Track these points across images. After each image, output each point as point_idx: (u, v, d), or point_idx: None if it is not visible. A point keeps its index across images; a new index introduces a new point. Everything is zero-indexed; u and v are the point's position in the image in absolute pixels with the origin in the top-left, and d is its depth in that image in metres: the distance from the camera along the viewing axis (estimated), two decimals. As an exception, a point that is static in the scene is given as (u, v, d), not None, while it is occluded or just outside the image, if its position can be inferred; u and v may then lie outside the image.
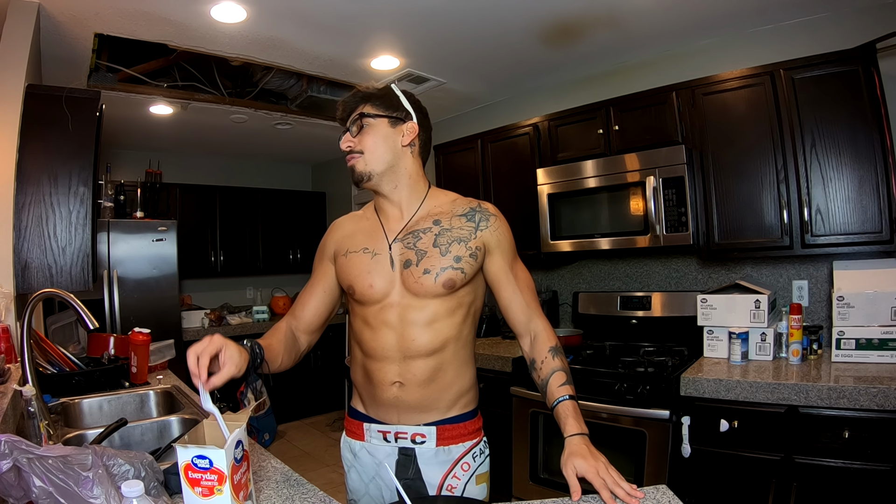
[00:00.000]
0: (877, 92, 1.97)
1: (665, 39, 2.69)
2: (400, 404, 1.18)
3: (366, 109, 1.18)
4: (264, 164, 5.32)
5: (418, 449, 1.19)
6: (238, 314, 4.60)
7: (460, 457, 1.20)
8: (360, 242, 1.24)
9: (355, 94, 1.20)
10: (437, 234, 1.18)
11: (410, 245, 1.18)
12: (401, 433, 1.20)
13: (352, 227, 1.30)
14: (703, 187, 2.34)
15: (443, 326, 1.17)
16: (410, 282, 1.15)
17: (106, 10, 2.15)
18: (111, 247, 3.60)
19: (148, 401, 1.97)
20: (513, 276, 1.23)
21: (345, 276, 1.23)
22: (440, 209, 1.23)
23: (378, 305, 1.18)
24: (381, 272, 1.18)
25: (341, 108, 1.22)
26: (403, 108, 1.21)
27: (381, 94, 1.20)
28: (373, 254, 1.21)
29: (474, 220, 1.20)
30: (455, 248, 1.16)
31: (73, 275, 2.04)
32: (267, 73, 3.09)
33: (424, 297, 1.15)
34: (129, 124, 3.67)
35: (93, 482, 0.78)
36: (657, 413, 2.04)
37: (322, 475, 3.58)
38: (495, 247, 1.21)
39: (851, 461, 1.72)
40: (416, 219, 1.22)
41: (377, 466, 1.22)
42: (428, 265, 1.15)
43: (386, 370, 1.17)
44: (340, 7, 2.23)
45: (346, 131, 1.19)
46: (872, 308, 1.97)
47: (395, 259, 1.19)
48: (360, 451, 1.25)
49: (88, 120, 2.12)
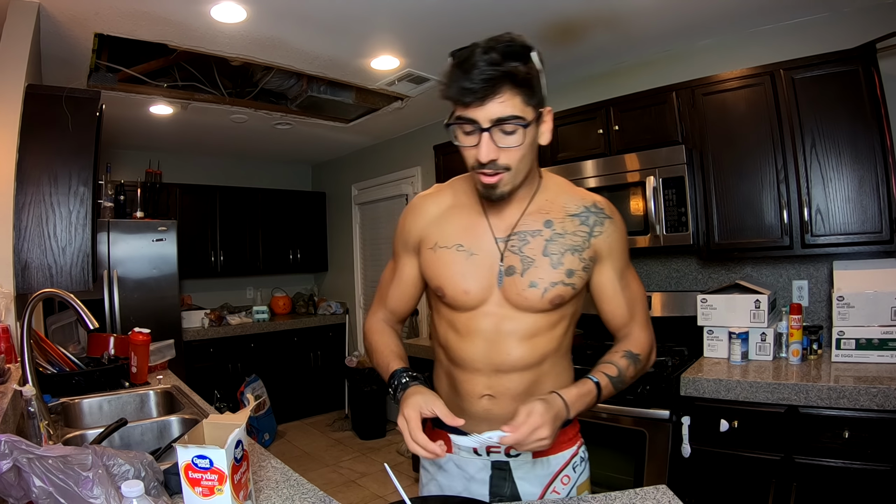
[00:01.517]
0: (877, 92, 1.97)
1: (665, 39, 2.68)
2: (491, 417, 1.04)
3: (515, 105, 0.87)
4: (264, 164, 5.32)
5: (513, 462, 1.07)
6: (238, 314, 4.60)
7: (560, 469, 1.08)
8: (452, 235, 1.05)
9: (491, 70, 0.83)
10: (548, 240, 1.01)
11: (516, 249, 1.01)
12: (493, 447, 1.04)
13: (438, 210, 1.08)
14: (703, 187, 2.34)
15: (542, 340, 1.03)
16: (512, 293, 1.00)
17: (106, 10, 2.15)
18: (111, 247, 3.60)
19: (148, 401, 1.97)
20: (620, 286, 1.07)
21: (433, 274, 1.06)
22: (551, 204, 1.04)
23: (471, 312, 1.03)
24: (479, 277, 1.01)
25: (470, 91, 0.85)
26: (542, 89, 0.92)
27: (527, 77, 0.87)
28: (469, 253, 1.02)
29: (588, 224, 1.03)
30: (568, 259, 1.00)
31: (73, 275, 2.04)
32: (267, 73, 3.09)
33: (526, 311, 1.01)
34: (129, 124, 3.67)
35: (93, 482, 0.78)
36: (657, 413, 2.04)
37: (322, 475, 3.58)
38: (606, 255, 1.05)
39: (851, 461, 1.72)
40: (526, 215, 1.03)
41: (467, 481, 1.09)
42: (535, 277, 0.99)
43: (475, 382, 1.04)
44: (340, 7, 2.23)
45: (482, 132, 0.89)
46: (872, 308, 1.97)
47: (496, 262, 1.02)
48: (447, 463, 1.12)
49: (88, 120, 2.12)
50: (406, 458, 3.68)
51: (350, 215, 5.08)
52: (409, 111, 3.72)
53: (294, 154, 5.17)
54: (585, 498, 1.00)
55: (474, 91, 0.85)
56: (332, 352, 4.95)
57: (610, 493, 1.02)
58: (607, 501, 0.98)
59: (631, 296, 1.09)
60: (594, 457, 2.26)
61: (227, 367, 4.28)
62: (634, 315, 1.10)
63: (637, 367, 1.05)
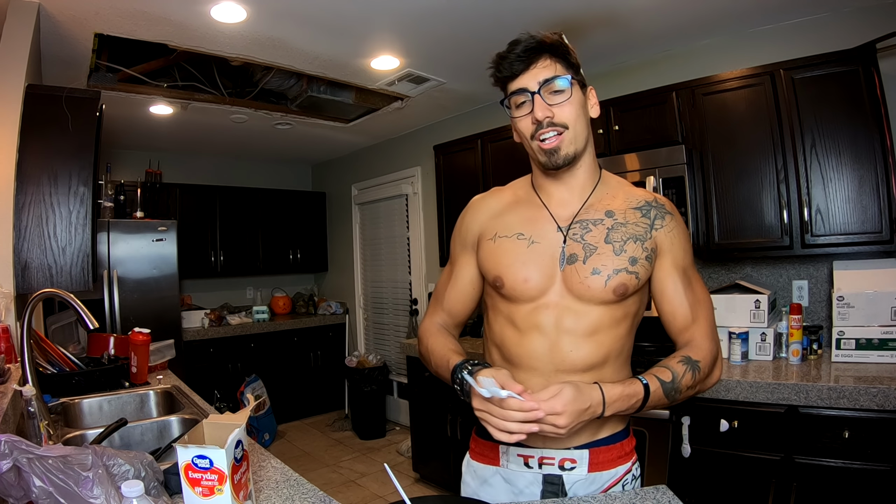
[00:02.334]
0: (877, 92, 1.97)
1: (665, 39, 2.69)
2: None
3: (557, 68, 0.95)
4: (264, 164, 5.32)
5: (566, 476, 1.01)
6: (238, 314, 4.60)
7: (610, 486, 1.02)
8: (512, 225, 1.04)
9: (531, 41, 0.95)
10: (610, 228, 0.99)
11: (578, 237, 0.99)
12: (546, 458, 1.01)
13: (498, 206, 1.09)
14: (703, 187, 2.34)
15: (605, 339, 1.00)
16: (574, 281, 0.97)
17: (106, 10, 2.15)
18: (111, 247, 3.60)
19: (148, 401, 1.97)
20: (682, 284, 1.02)
21: (492, 264, 1.03)
22: (612, 198, 1.04)
23: (531, 305, 1.00)
24: (540, 265, 0.99)
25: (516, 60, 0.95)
26: (580, 67, 1.00)
27: (562, 46, 0.97)
28: (530, 241, 1.01)
29: (649, 217, 1.02)
30: (630, 247, 0.98)
31: (73, 275, 2.04)
32: (267, 73, 3.09)
33: (589, 303, 0.98)
34: (129, 124, 3.67)
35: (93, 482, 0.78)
36: (657, 413, 2.04)
37: (322, 475, 3.58)
38: (668, 250, 1.02)
39: (851, 461, 1.72)
40: (587, 206, 1.02)
41: (515, 496, 1.04)
42: (598, 264, 0.97)
43: (531, 383, 0.97)
44: (340, 7, 2.23)
45: (533, 95, 0.94)
46: (872, 308, 1.97)
47: (558, 251, 1.00)
48: (494, 477, 1.07)
49: (88, 120, 2.12)
50: (406, 458, 3.68)
51: (350, 215, 5.08)
52: (409, 111, 3.72)
53: (294, 154, 5.17)
54: (585, 498, 1.00)
55: (520, 59, 0.95)
56: (332, 352, 4.95)
57: (610, 493, 1.02)
58: (607, 501, 0.98)
59: (694, 297, 1.03)
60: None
61: (227, 367, 4.28)
62: (697, 319, 1.03)
63: (696, 376, 0.96)
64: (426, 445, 3.20)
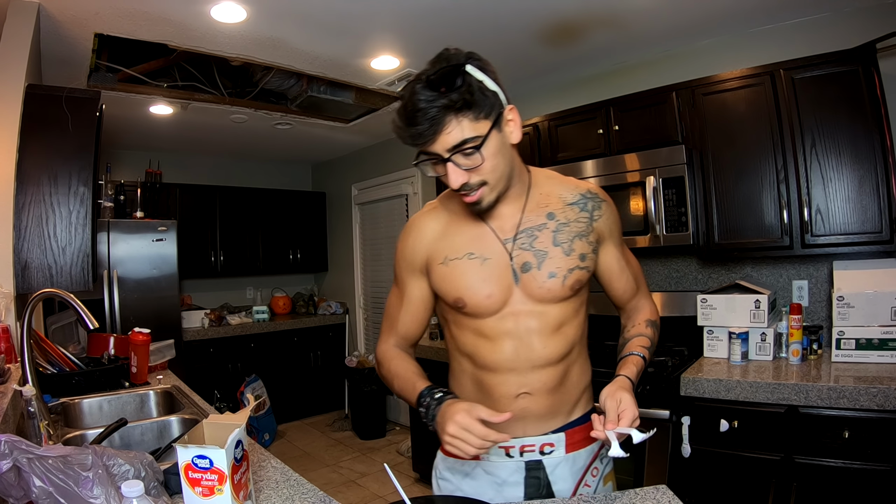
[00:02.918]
0: (877, 92, 1.97)
1: (665, 39, 2.69)
2: (527, 416, 1.06)
3: (465, 127, 0.89)
4: (264, 164, 5.32)
5: (546, 460, 1.07)
6: (238, 314, 4.60)
7: (591, 462, 1.11)
8: (460, 246, 1.05)
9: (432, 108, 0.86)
10: (555, 231, 1.04)
11: (526, 245, 1.03)
12: (527, 446, 1.06)
13: (438, 227, 1.09)
14: (703, 187, 2.34)
15: (569, 329, 1.07)
16: (534, 287, 1.02)
17: (106, 10, 2.15)
18: (111, 247, 3.60)
19: (148, 401, 1.97)
20: (624, 262, 1.16)
21: (450, 287, 1.05)
22: (547, 197, 1.07)
23: (496, 316, 1.03)
24: (497, 279, 1.02)
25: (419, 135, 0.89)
26: (492, 93, 0.92)
27: (467, 97, 0.88)
28: (482, 259, 1.03)
29: (587, 210, 1.08)
30: (578, 244, 1.05)
31: (73, 275, 2.04)
32: (267, 73, 3.09)
33: (549, 303, 1.03)
34: (129, 124, 3.67)
35: (93, 482, 0.78)
36: (657, 413, 2.04)
37: (322, 475, 3.58)
38: (608, 236, 1.11)
39: (851, 461, 1.72)
40: (527, 214, 1.05)
41: (499, 486, 1.08)
42: (552, 267, 1.02)
43: (509, 383, 1.04)
44: (340, 7, 2.23)
45: (445, 161, 0.92)
46: (872, 308, 1.97)
47: (509, 262, 1.03)
48: (475, 470, 1.10)
49: (88, 120, 2.12)
50: (406, 458, 3.68)
51: (350, 215, 5.08)
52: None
53: (294, 154, 5.17)
54: (586, 498, 1.00)
55: (422, 134, 0.89)
56: (332, 352, 4.95)
57: (610, 493, 1.02)
58: (607, 501, 0.98)
59: (634, 270, 1.19)
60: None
61: (227, 367, 4.28)
62: (639, 286, 1.20)
63: (657, 332, 1.17)
64: (426, 445, 3.20)
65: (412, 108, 0.87)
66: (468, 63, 0.90)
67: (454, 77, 0.88)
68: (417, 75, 0.90)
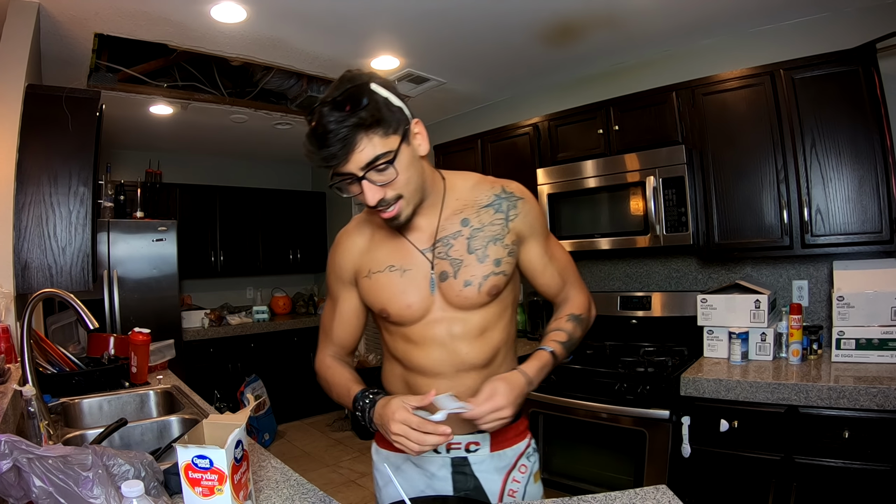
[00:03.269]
0: (877, 92, 1.97)
1: (665, 39, 2.69)
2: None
3: (376, 144, 0.90)
4: (264, 164, 5.32)
5: (472, 457, 1.12)
6: (238, 314, 4.60)
7: (517, 459, 1.15)
8: (381, 259, 1.09)
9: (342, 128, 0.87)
10: (469, 238, 1.06)
11: (443, 254, 1.06)
12: (453, 444, 1.11)
13: (363, 242, 1.13)
14: (703, 187, 2.34)
15: (493, 334, 1.09)
16: (452, 295, 1.05)
17: (106, 10, 2.15)
18: (111, 247, 3.60)
19: (148, 401, 1.97)
20: (548, 258, 1.15)
21: (374, 299, 1.09)
22: (463, 202, 1.09)
23: (421, 323, 1.07)
24: (417, 289, 1.06)
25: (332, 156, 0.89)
26: (397, 109, 0.95)
27: (375, 114, 0.89)
28: (402, 271, 1.07)
29: (502, 210, 1.08)
30: (492, 250, 1.06)
31: (73, 275, 2.04)
32: (267, 73, 3.09)
33: (469, 309, 1.06)
34: (129, 124, 3.67)
35: (93, 482, 0.78)
36: (657, 413, 2.04)
37: (322, 475, 3.58)
38: (529, 234, 1.11)
39: (851, 461, 1.72)
40: (442, 222, 1.08)
41: (429, 479, 1.13)
42: (467, 276, 1.04)
43: (437, 385, 1.06)
44: (340, 7, 2.23)
45: (360, 180, 0.93)
46: (872, 308, 1.97)
47: (428, 272, 1.06)
48: (405, 464, 1.16)
49: (88, 120, 2.12)
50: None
51: (350, 215, 5.06)
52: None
53: (294, 154, 5.16)
54: (585, 498, 1.00)
55: (335, 155, 0.90)
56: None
57: (610, 493, 1.02)
58: (607, 501, 0.98)
59: (560, 265, 1.18)
60: (594, 457, 2.27)
61: (227, 367, 4.28)
62: (567, 279, 1.19)
63: (582, 326, 1.15)
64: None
65: (322, 130, 0.89)
66: (371, 82, 0.93)
67: (360, 96, 0.89)
68: (322, 99, 0.92)
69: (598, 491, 1.14)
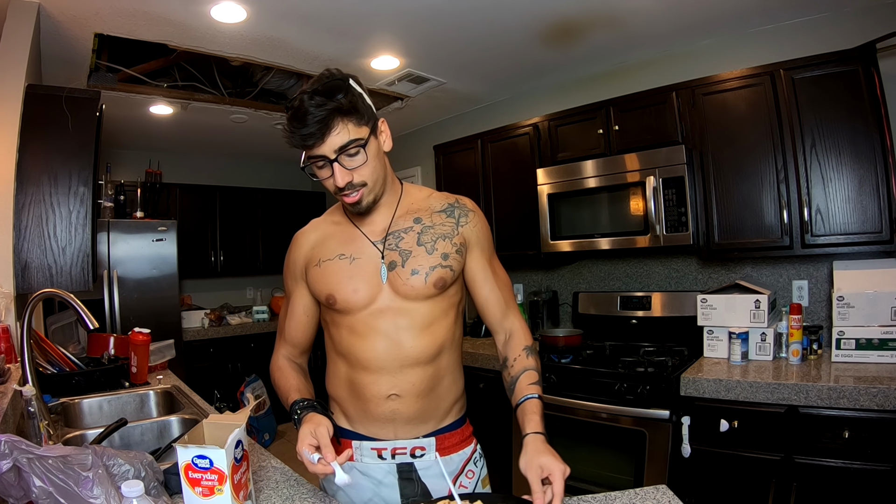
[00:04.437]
0: (877, 92, 1.97)
1: (665, 39, 2.68)
2: (397, 418, 1.10)
3: (350, 130, 0.98)
4: (264, 164, 5.32)
5: (417, 463, 1.12)
6: (238, 314, 4.60)
7: (464, 465, 1.16)
8: (333, 249, 1.14)
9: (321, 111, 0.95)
10: (420, 233, 1.11)
11: (393, 246, 1.11)
12: (398, 449, 1.12)
13: (318, 236, 1.19)
14: (703, 187, 2.34)
15: (438, 329, 1.11)
16: (398, 284, 1.08)
17: (106, 10, 2.15)
18: (111, 247, 3.60)
19: (148, 401, 1.97)
20: (490, 272, 1.19)
21: (321, 286, 1.12)
22: (418, 206, 1.16)
23: (366, 312, 1.09)
24: (365, 276, 1.09)
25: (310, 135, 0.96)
26: (369, 105, 1.04)
27: (351, 103, 0.98)
28: (351, 259, 1.11)
29: (454, 216, 1.15)
30: (441, 245, 1.11)
31: (73, 275, 2.04)
32: (267, 73, 3.09)
33: (416, 300, 1.09)
34: (129, 124, 3.67)
35: (93, 482, 0.78)
36: (657, 413, 2.04)
37: (322, 475, 3.57)
38: (475, 243, 1.17)
39: (851, 461, 1.72)
40: (396, 218, 1.14)
41: (376, 486, 1.12)
42: (415, 265, 1.08)
43: (380, 382, 1.09)
44: (340, 7, 2.23)
45: (332, 163, 0.99)
46: (872, 308, 1.97)
47: (378, 262, 1.10)
48: (351, 472, 1.11)
49: (88, 120, 2.12)
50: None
51: (350, 215, 5.08)
52: (409, 111, 3.72)
53: (294, 154, 5.10)
54: (585, 498, 1.00)
55: (313, 134, 0.96)
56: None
57: (610, 493, 1.02)
58: (607, 501, 0.98)
59: (501, 283, 1.21)
60: (594, 457, 2.27)
61: (227, 367, 4.28)
62: (510, 304, 1.21)
63: (538, 357, 1.17)
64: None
65: (303, 112, 0.95)
66: (349, 79, 1.02)
67: (340, 88, 0.98)
68: (303, 89, 0.98)
69: (598, 491, 1.14)
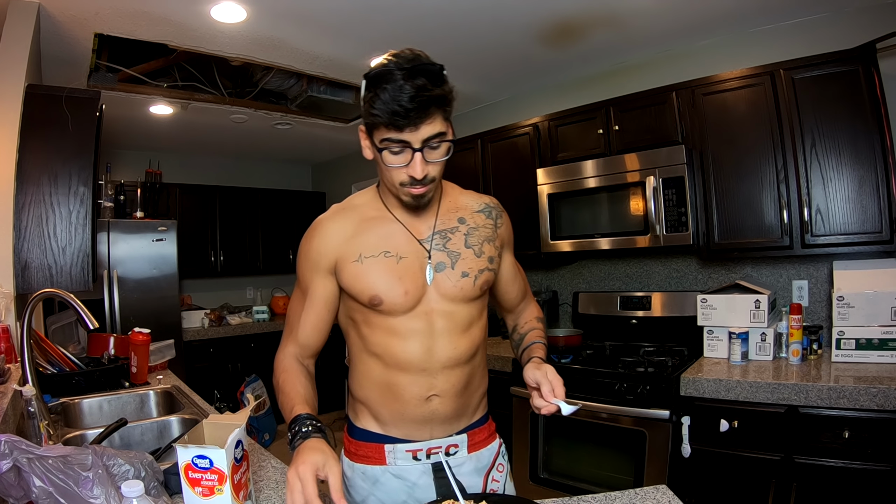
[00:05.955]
0: (877, 92, 1.97)
1: (665, 39, 2.68)
2: (434, 418, 1.08)
3: (441, 123, 0.94)
4: (264, 164, 5.32)
5: (451, 461, 1.11)
6: (238, 314, 4.60)
7: (494, 459, 1.17)
8: (375, 245, 1.05)
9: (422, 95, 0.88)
10: (466, 234, 1.10)
11: (440, 246, 1.07)
12: (434, 448, 1.10)
13: (350, 227, 1.09)
14: (703, 187, 2.34)
15: (476, 330, 1.11)
16: (447, 286, 1.05)
17: (106, 10, 2.15)
18: (111, 247, 3.60)
19: (148, 401, 1.97)
20: (515, 269, 1.24)
21: (363, 285, 1.04)
22: (457, 203, 1.14)
23: (409, 314, 1.05)
24: (412, 277, 1.04)
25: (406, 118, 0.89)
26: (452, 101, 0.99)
27: (449, 96, 0.95)
28: (398, 258, 1.05)
29: (492, 217, 1.16)
30: (487, 248, 1.11)
31: (73, 275, 2.04)
32: (267, 73, 3.09)
33: (460, 302, 1.07)
34: (129, 124, 3.67)
35: (93, 482, 0.78)
36: (657, 413, 2.04)
37: (322, 475, 3.57)
38: (507, 243, 1.20)
39: (851, 461, 1.72)
40: (441, 218, 1.10)
41: (410, 488, 1.09)
42: (465, 268, 1.07)
43: (419, 383, 1.05)
44: (340, 7, 2.23)
45: (415, 151, 0.93)
46: (872, 308, 1.97)
47: (424, 262, 1.06)
48: (384, 475, 1.10)
49: (88, 120, 2.12)
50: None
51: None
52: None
53: (294, 154, 5.17)
54: (585, 498, 1.00)
55: (408, 115, 0.89)
56: (332, 352, 4.91)
57: (610, 493, 1.02)
58: (607, 501, 0.98)
59: (523, 278, 1.28)
60: (594, 457, 2.27)
61: (227, 367, 4.28)
62: (527, 294, 1.30)
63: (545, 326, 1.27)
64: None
65: (399, 88, 0.88)
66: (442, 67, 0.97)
67: (440, 77, 0.94)
68: (396, 63, 0.91)
69: (598, 491, 1.14)
